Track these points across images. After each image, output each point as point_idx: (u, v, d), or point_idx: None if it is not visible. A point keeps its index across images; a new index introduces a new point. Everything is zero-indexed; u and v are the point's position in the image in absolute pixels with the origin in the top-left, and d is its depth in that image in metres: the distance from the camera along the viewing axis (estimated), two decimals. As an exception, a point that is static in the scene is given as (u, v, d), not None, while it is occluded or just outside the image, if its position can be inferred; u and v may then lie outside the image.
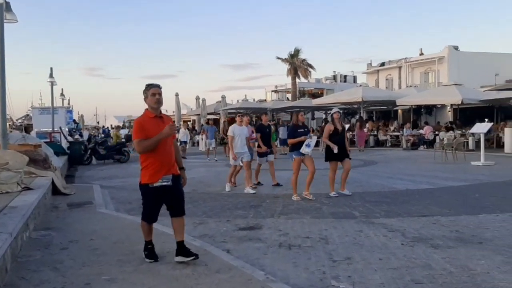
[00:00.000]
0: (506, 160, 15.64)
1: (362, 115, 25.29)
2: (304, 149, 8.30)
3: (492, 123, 17.00)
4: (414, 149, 21.67)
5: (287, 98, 45.08)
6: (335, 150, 8.56)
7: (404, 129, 23.34)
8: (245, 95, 35.19)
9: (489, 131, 16.71)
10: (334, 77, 51.27)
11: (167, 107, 47.71)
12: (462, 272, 4.38)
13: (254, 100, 37.84)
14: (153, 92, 4.46)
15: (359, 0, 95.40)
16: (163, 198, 4.54)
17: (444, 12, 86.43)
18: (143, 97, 4.54)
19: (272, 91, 52.49)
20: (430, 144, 21.89)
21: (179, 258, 4.52)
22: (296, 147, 8.46)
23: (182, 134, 20.55)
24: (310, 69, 40.67)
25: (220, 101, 33.76)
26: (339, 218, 6.95)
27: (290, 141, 8.66)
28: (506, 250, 5.09)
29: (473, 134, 19.26)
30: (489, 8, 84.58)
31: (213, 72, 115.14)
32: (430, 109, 28.93)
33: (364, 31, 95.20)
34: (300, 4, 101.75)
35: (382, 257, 4.91)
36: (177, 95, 34.30)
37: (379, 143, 24.75)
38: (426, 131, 22.70)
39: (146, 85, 4.54)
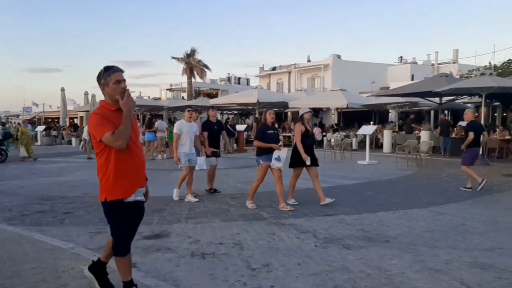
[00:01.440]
0: (386, 159, 16.62)
1: (257, 116, 25.42)
2: (274, 164, 7.27)
3: (376, 126, 18.09)
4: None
5: (182, 97, 44.12)
6: (308, 162, 7.53)
7: (296, 130, 23.92)
8: (140, 92, 33.52)
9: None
10: (229, 79, 51.40)
11: (52, 103, 43.97)
12: (380, 274, 4.25)
13: (149, 97, 36.24)
14: (116, 78, 3.22)
15: (253, 7, 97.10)
16: (136, 215, 3.42)
17: (329, 23, 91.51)
18: (100, 84, 3.27)
19: (167, 89, 51.01)
20: (319, 144, 22.67)
21: None
22: (264, 151, 7.39)
23: (86, 133, 18.51)
24: (205, 70, 40.23)
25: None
26: (249, 220, 6.59)
27: (257, 143, 7.44)
28: (411, 248, 5.12)
29: (356, 135, 20.33)
30: (367, 22, 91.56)
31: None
32: (317, 112, 30.11)
33: (257, 37, 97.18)
34: (195, 5, 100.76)
35: (300, 262, 4.63)
36: (63, 89, 31.66)
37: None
38: (315, 132, 23.46)
39: (105, 68, 3.27)
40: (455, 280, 4.05)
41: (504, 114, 27.28)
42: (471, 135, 9.16)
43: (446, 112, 22.15)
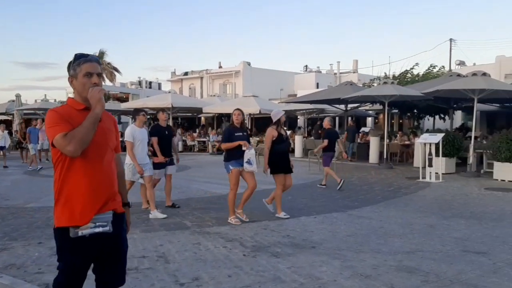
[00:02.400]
0: (298, 163, 16.84)
1: (171, 120, 24.72)
2: (246, 167, 6.54)
3: (290, 131, 18.40)
4: (220, 153, 22.04)
5: (91, 101, 41.56)
6: (267, 174, 6.99)
7: (211, 135, 23.62)
8: (45, 95, 30.99)
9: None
10: (140, 83, 49.50)
11: None
12: (312, 282, 4.12)
13: (55, 100, 33.62)
14: (87, 70, 2.42)
15: (164, 11, 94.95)
16: (94, 254, 2.44)
17: (239, 31, 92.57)
18: (69, 75, 2.48)
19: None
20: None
21: None
22: (233, 156, 6.61)
23: (0, 138, 16.24)
24: (115, 73, 38.33)
25: (13, 100, 28.99)
26: (171, 230, 6.17)
27: (224, 145, 6.75)
28: (338, 253, 5.08)
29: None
30: (275, 31, 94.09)
31: (3, 69, 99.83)
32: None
33: (168, 41, 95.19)
34: (104, 5, 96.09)
35: (230, 274, 4.35)
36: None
37: (187, 148, 24.54)
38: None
39: (75, 56, 2.47)
40: (386, 286, 4.03)
41: (401, 121, 29.50)
42: (325, 142, 10.35)
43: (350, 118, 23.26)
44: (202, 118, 33.23)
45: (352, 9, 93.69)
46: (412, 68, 25.22)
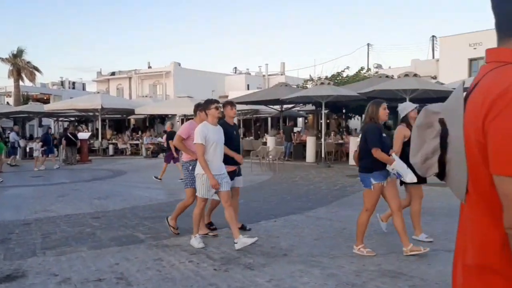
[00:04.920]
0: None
1: (99, 122, 23.18)
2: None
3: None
4: (155, 156, 21.04)
5: (7, 102, 38.15)
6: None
7: (144, 138, 22.46)
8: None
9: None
10: (62, 83, 46.30)
11: None
12: (299, 297, 3.70)
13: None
14: None
15: (88, 8, 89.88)
16: None
17: (169, 30, 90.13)
18: None
19: (-13, 93, 43.61)
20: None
21: None
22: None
23: None
24: (36, 72, 35.31)
25: None
26: (124, 244, 5.43)
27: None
28: (313, 260, 4.71)
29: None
30: (205, 32, 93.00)
31: None
32: (163, 119, 28.97)
33: (93, 40, 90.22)
34: (21, 1, 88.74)
35: (207, 293, 3.80)
36: None
37: (118, 152, 23.11)
38: (165, 139, 22.38)
39: None
40: (377, 294, 3.73)
41: (328, 121, 30.21)
42: (171, 142, 10.64)
43: (282, 118, 23.30)
44: (132, 120, 31.67)
45: (279, 13, 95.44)
46: (343, 71, 25.92)
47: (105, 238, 5.77)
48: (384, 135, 4.89)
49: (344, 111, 22.88)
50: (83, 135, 19.99)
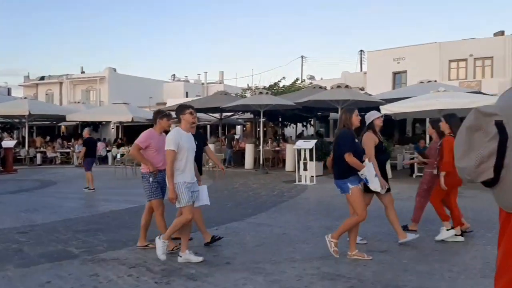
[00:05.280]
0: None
1: (26, 130, 21.76)
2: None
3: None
4: (88, 165, 20.06)
5: None
6: (383, 190, 5.30)
7: (76, 146, 21.35)
8: None
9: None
10: (-17, 88, 43.03)
11: None
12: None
13: None
14: None
15: (12, 9, 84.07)
16: None
17: (103, 35, 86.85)
18: None
19: None
20: (103, 160, 20.89)
21: None
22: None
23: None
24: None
25: None
26: (56, 260, 5.05)
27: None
28: (256, 267, 4.67)
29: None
30: (140, 38, 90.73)
31: None
32: (97, 126, 27.78)
33: (19, 43, 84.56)
34: None
35: (148, 308, 3.64)
36: None
37: (47, 161, 21.75)
38: (99, 148, 21.44)
39: None
40: (319, 299, 3.77)
41: (265, 129, 30.57)
42: (83, 149, 11.47)
43: (222, 126, 23.24)
44: (63, 127, 30.08)
45: (216, 21, 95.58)
46: (279, 81, 26.48)
47: (34, 254, 5.35)
48: (356, 140, 5.03)
49: (280, 119, 23.31)
50: (8, 143, 18.59)
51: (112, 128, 29.69)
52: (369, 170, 4.89)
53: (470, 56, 26.01)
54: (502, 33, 26.82)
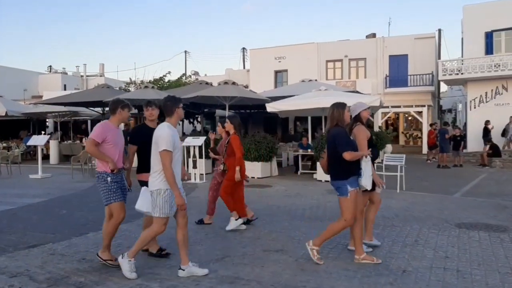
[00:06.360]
0: (57, 171, 14.95)
1: None
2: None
3: (48, 136, 16.11)
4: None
5: None
6: (381, 187, 5.12)
7: None
8: None
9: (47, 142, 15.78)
10: None
11: None
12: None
13: None
14: None
15: None
16: None
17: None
18: None
19: None
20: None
21: None
22: None
23: None
24: None
25: None
26: None
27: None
28: (150, 272, 4.53)
29: (18, 146, 17.64)
30: (9, 23, 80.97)
31: None
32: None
33: None
34: None
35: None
36: None
37: None
38: None
39: None
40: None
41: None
42: None
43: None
44: None
45: (97, 12, 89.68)
46: (165, 75, 25.85)
47: None
48: (351, 137, 4.73)
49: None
50: None
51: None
52: (366, 165, 4.62)
53: (345, 57, 27.82)
54: (373, 35, 28.95)
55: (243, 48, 40.13)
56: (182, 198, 4.16)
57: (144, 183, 4.61)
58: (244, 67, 37.72)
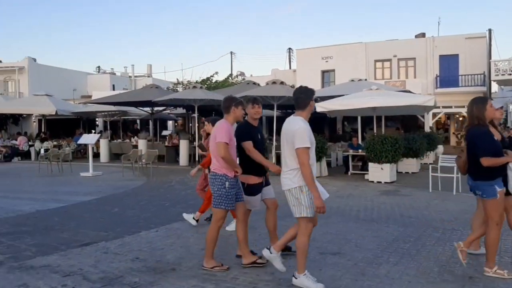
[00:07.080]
0: (107, 169, 15.24)
1: None
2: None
3: (99, 135, 16.54)
4: (8, 161, 18.37)
5: None
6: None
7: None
8: None
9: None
10: None
11: None
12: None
13: None
14: None
15: None
16: None
17: (23, 23, 79.95)
18: None
19: None
20: (25, 155, 19.22)
21: None
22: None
23: None
24: None
25: None
26: (-25, 271, 4.39)
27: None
28: (206, 274, 4.35)
29: (69, 144, 18.21)
30: (62, 28, 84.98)
31: None
32: (16, 118, 25.50)
33: None
34: None
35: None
36: None
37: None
38: (21, 142, 19.68)
39: None
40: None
41: (198, 125, 30.00)
42: None
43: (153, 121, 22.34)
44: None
45: (145, 13, 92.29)
46: (212, 76, 25.98)
47: None
48: (496, 138, 4.16)
49: (214, 114, 22.92)
50: None
51: (34, 121, 27.45)
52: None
53: (394, 57, 27.17)
54: (423, 35, 28.10)
55: (289, 49, 39.81)
56: (321, 200, 3.72)
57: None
58: (290, 67, 37.38)
